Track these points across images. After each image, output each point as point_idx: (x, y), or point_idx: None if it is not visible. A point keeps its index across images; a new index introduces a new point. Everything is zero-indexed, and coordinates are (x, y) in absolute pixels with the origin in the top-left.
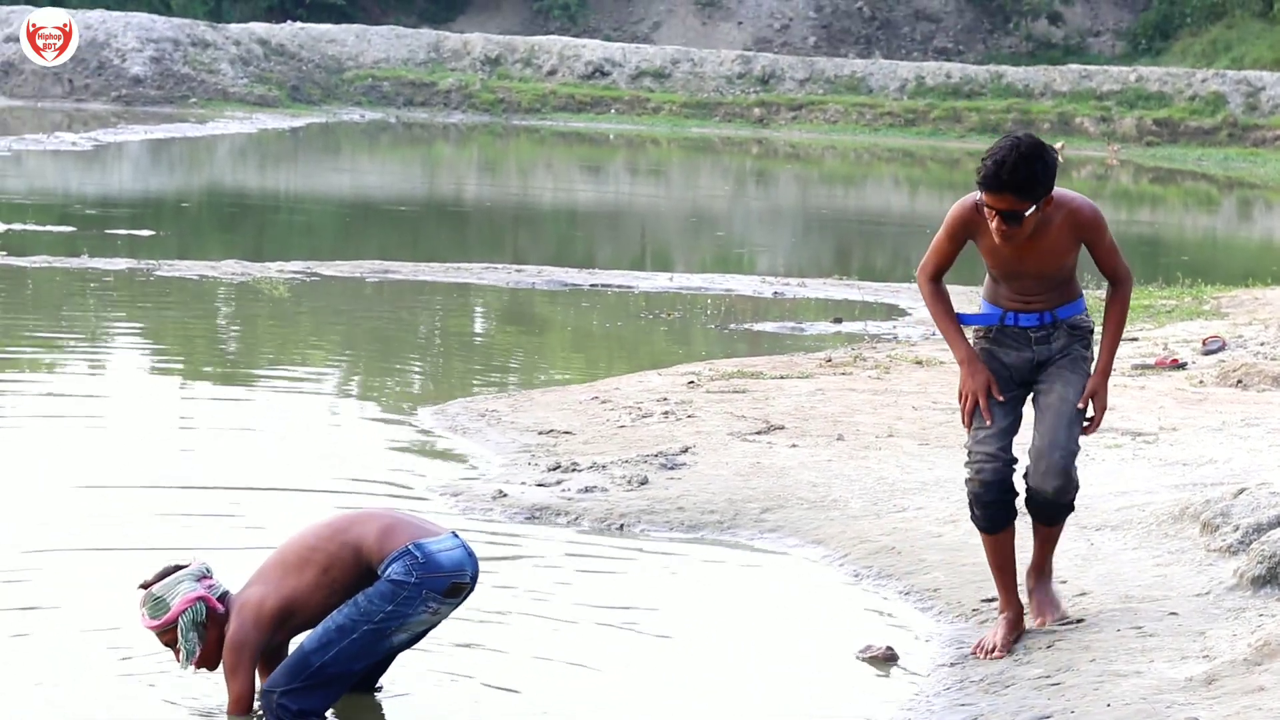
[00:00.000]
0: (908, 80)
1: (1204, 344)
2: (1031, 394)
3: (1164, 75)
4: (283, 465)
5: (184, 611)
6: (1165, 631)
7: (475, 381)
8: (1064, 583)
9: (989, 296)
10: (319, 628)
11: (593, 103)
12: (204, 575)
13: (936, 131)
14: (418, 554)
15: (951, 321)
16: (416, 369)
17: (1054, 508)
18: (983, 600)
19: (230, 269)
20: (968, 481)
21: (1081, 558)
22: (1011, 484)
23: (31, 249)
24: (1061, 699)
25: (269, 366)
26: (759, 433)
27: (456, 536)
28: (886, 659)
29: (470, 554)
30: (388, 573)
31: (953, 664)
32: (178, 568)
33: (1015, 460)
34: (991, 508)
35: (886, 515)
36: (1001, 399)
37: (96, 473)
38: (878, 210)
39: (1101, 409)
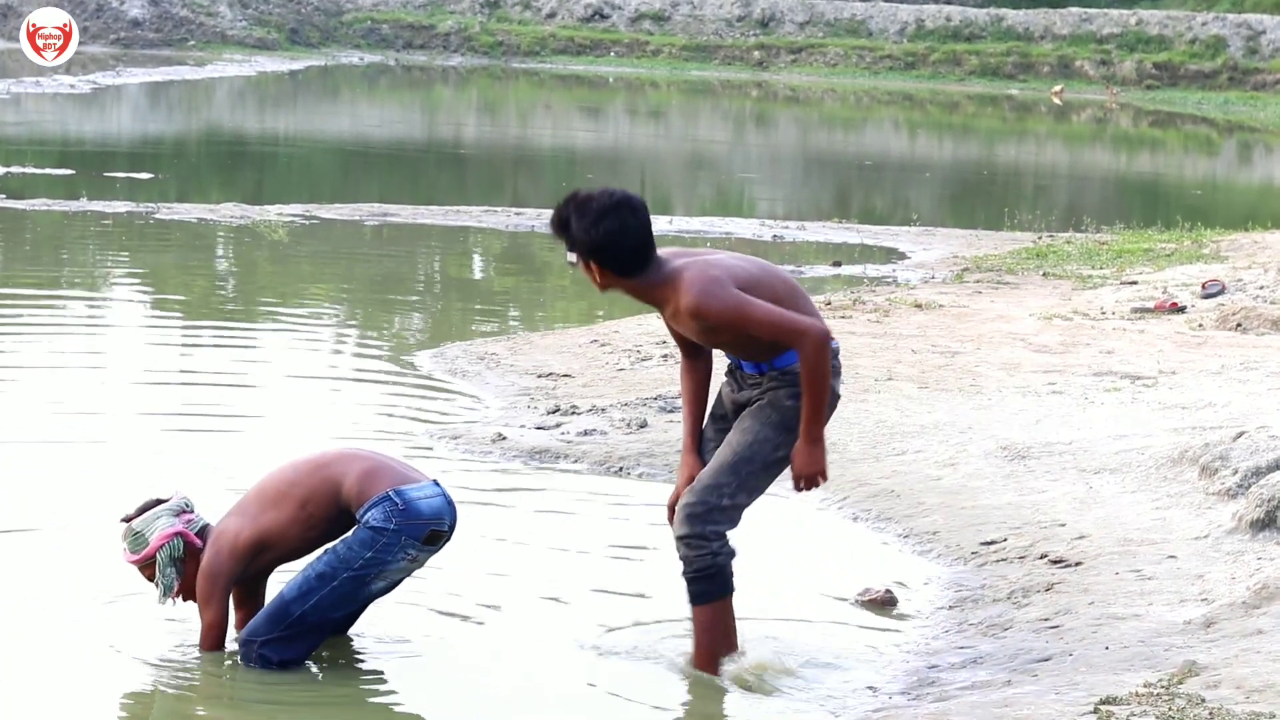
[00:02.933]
0: (908, 23)
1: (1203, 287)
2: None
3: (1164, 18)
4: (280, 408)
5: (161, 547)
6: (1164, 575)
7: (474, 324)
8: (1063, 525)
9: None
10: (299, 576)
11: (592, 45)
12: (183, 510)
13: (936, 75)
14: (398, 500)
15: (687, 405)
16: (415, 312)
17: (687, 568)
18: (981, 543)
19: (229, 212)
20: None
21: (1080, 501)
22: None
23: (31, 192)
24: (1060, 642)
25: (267, 309)
26: None
27: (437, 484)
28: (886, 602)
29: (449, 502)
30: (366, 519)
31: (952, 607)
32: (158, 502)
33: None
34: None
35: (885, 458)
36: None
37: (93, 413)
38: (877, 153)
39: (801, 472)
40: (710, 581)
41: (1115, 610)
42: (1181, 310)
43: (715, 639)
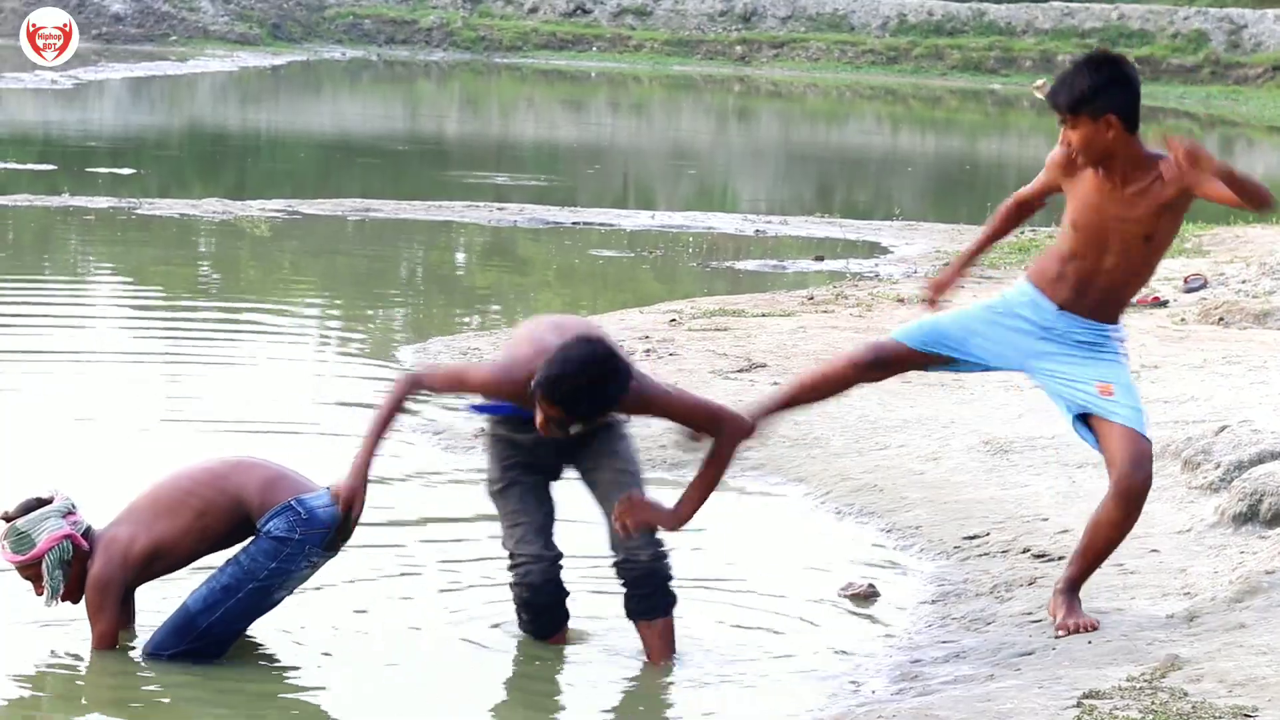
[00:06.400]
0: (890, 18)
1: (1185, 282)
2: (582, 480)
3: (1146, 13)
4: (263, 404)
5: (50, 549)
6: (1147, 569)
7: (457, 319)
8: (1045, 520)
9: None
10: (202, 588)
11: (574, 40)
12: (69, 511)
13: (919, 69)
14: (300, 510)
15: (380, 427)
16: (398, 307)
17: (655, 579)
18: (964, 537)
19: (211, 207)
20: (513, 586)
21: (1063, 495)
22: (562, 582)
23: (12, 187)
24: (1043, 636)
25: (250, 305)
26: (741, 370)
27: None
28: (868, 596)
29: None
30: (268, 528)
31: (934, 601)
32: (41, 501)
33: (562, 555)
34: (545, 613)
35: (868, 453)
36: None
37: (74, 410)
38: (860, 148)
39: (672, 523)
40: (670, 591)
41: (1098, 604)
42: (1163, 304)
43: (672, 652)
